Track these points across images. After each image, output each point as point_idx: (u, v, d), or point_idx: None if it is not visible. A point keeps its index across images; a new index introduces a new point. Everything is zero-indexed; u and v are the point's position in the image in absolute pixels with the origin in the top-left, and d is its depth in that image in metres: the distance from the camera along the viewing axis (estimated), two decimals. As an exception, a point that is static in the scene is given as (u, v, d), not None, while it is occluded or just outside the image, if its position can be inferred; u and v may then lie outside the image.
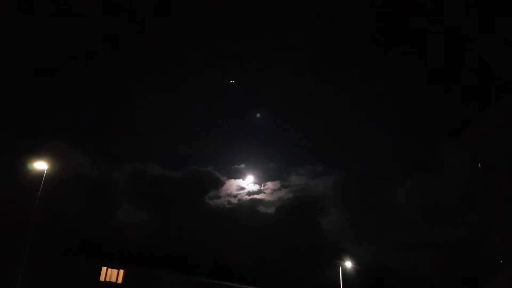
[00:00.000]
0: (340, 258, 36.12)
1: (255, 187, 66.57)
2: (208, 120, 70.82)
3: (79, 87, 58.51)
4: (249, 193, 65.76)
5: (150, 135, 66.70)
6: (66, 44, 54.85)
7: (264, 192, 66.80)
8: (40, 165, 23.90)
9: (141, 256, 33.44)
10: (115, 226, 44.74)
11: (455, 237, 53.48)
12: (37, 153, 25.34)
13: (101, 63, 60.87)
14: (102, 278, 28.97)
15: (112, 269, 29.74)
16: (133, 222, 49.58)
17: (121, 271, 30.10)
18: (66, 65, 56.69)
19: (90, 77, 59.50)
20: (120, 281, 29.85)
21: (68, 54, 55.41)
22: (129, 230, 46.77)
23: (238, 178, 66.97)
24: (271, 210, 64.99)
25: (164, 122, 67.77)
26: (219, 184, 64.57)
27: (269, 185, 67.42)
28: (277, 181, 67.69)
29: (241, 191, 65.55)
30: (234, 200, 64.64)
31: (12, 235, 25.16)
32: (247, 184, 66.41)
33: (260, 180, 66.72)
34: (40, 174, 24.08)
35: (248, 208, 64.19)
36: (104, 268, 29.30)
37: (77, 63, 56.50)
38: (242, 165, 67.22)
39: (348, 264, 36.23)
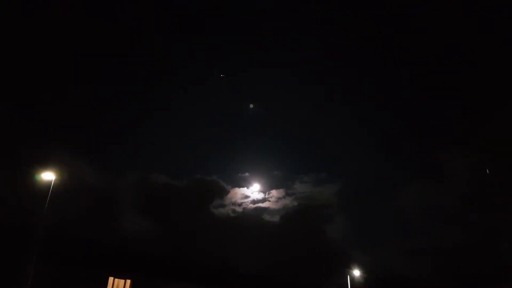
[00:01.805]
0: (347, 266, 35.91)
1: (260, 196, 66.23)
2: (211, 128, 70.70)
3: (84, 97, 58.84)
4: (254, 202, 65.40)
5: (154, 144, 66.68)
6: (71, 56, 55.36)
7: (269, 200, 66.40)
8: (48, 176, 24.11)
9: (147, 266, 33.37)
10: (120, 235, 44.69)
11: (460, 243, 53.04)
12: (44, 164, 25.56)
13: (105, 73, 61.24)
14: (109, 288, 28.95)
15: (119, 279, 29.69)
16: (139, 231, 49.43)
17: (128, 281, 30.03)
18: (72, 75, 57.12)
19: (95, 87, 59.86)
20: (127, 291, 29.81)
21: (74, 65, 55.86)
22: (135, 239, 46.66)
23: (243, 187, 66.60)
24: (276, 218, 64.56)
25: (168, 131, 67.75)
26: (223, 192, 64.28)
27: (274, 193, 67.05)
28: (281, 189, 67.14)
29: (246, 200, 65.27)
30: (238, 209, 64.39)
31: (19, 244, 25.23)
32: (251, 192, 66.06)
33: (265, 188, 66.31)
34: (47, 184, 24.25)
35: (253, 217, 63.79)
36: (111, 278, 29.25)
37: (82, 74, 56.90)
38: (246, 174, 66.92)
39: (356, 272, 36.03)
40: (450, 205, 55.02)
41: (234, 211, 62.96)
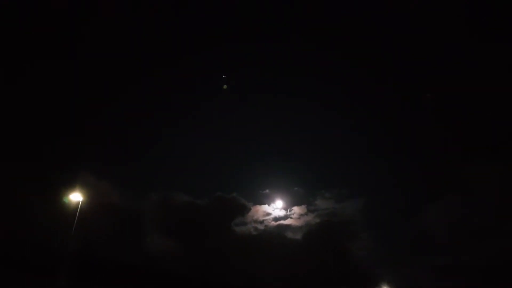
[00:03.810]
0: (374, 284, 35.00)
1: (281, 213, 65.69)
2: (230, 145, 71.22)
3: (104, 116, 60.52)
4: (276, 219, 64.87)
5: (176, 164, 67.55)
6: (92, 77, 57.25)
7: (291, 217, 65.71)
8: (76, 197, 24.79)
9: (173, 285, 33.39)
10: (145, 254, 45.05)
11: (490, 259, 51.02)
12: (70, 185, 26.27)
13: (126, 92, 62.94)
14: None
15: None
16: (162, 250, 49.75)
17: (153, 300, 30.07)
18: (91, 95, 58.96)
19: (116, 106, 61.52)
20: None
21: (95, 86, 57.65)
22: (158, 257, 46.93)
23: (264, 204, 66.34)
24: (299, 235, 63.71)
25: (188, 150, 68.64)
26: (244, 210, 64.08)
27: (296, 209, 66.40)
28: (303, 206, 66.45)
29: (268, 217, 64.84)
30: (260, 226, 63.96)
31: (48, 264, 25.73)
32: (273, 209, 65.65)
33: (286, 205, 65.81)
34: (75, 205, 24.88)
35: (276, 234, 63.17)
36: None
37: (103, 92, 58.70)
38: (267, 190, 66.65)
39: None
40: (480, 219, 53.23)
41: (256, 228, 62.62)
